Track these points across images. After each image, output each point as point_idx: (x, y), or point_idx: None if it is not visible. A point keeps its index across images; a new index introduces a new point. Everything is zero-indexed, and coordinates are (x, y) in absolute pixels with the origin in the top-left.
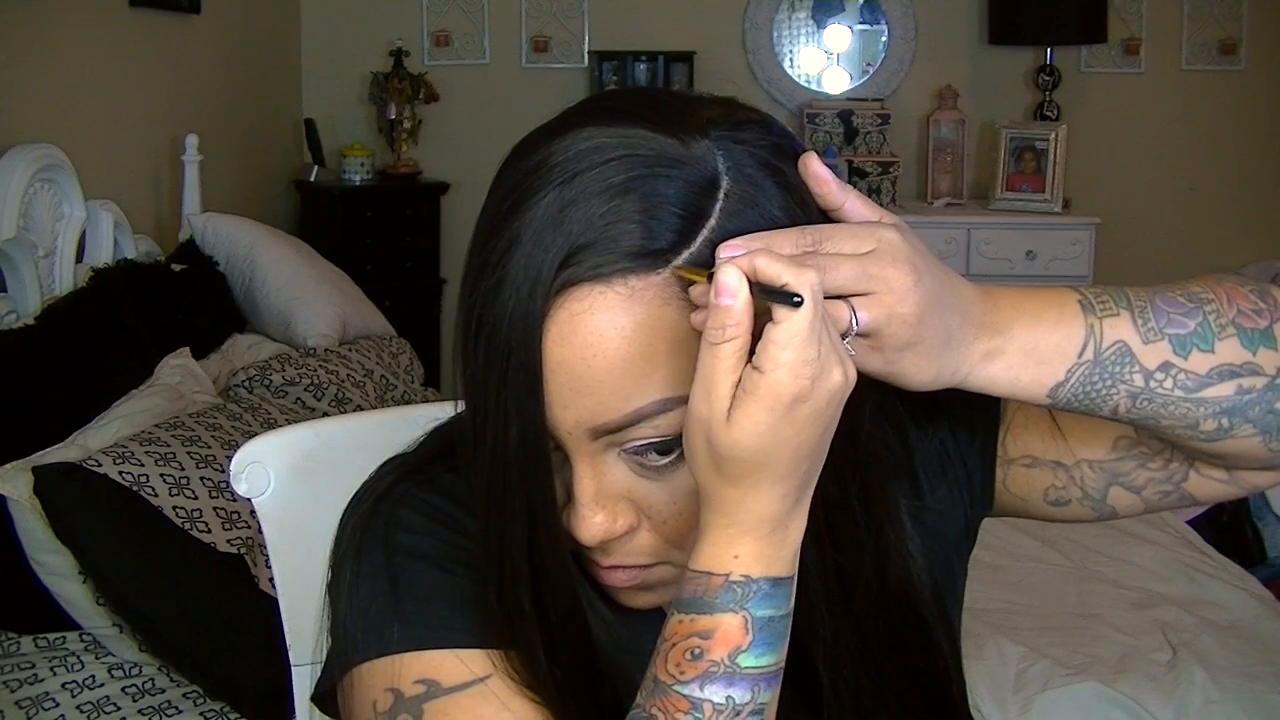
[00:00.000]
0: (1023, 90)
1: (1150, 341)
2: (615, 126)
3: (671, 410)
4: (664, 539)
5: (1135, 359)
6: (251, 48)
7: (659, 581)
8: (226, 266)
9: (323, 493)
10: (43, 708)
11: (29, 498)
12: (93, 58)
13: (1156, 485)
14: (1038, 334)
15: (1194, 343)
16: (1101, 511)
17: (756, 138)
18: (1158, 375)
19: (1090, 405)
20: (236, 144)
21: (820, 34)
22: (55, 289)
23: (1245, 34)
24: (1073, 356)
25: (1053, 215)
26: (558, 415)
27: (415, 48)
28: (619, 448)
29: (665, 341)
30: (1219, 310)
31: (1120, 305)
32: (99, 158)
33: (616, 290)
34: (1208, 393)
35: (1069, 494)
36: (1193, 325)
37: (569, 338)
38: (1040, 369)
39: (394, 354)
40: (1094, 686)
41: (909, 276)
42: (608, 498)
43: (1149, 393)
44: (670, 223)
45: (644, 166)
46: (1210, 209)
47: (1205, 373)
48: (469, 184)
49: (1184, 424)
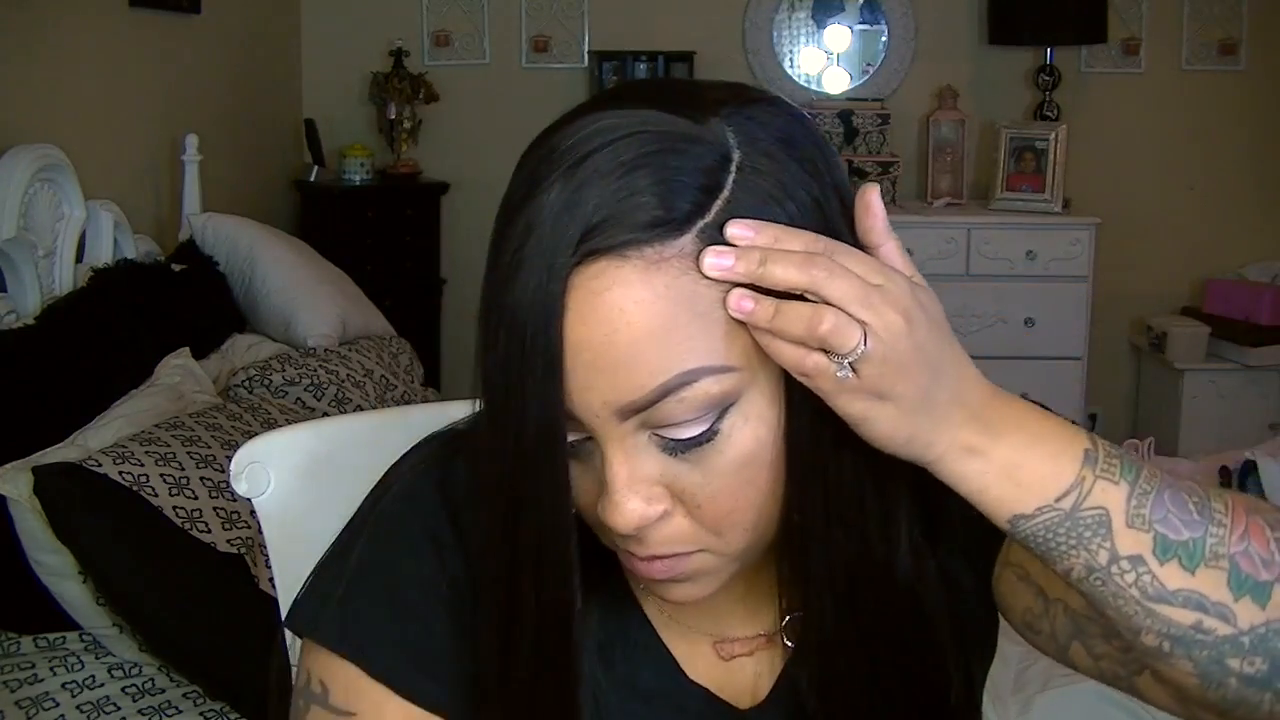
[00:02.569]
0: (1023, 90)
1: (1134, 527)
2: (626, 109)
3: (698, 381)
4: (700, 524)
5: (1110, 534)
6: (251, 48)
7: (698, 571)
8: (226, 266)
9: (323, 493)
10: (43, 708)
11: (29, 498)
12: (93, 58)
13: (1111, 662)
14: (1027, 456)
15: (1178, 553)
16: (1064, 658)
17: (766, 114)
18: (1123, 563)
19: (1044, 555)
20: (236, 144)
21: (820, 34)
22: (55, 289)
23: (1245, 34)
24: (1050, 497)
25: (1053, 215)
26: (585, 398)
27: (415, 48)
28: (649, 429)
29: (687, 311)
30: (1223, 539)
31: (1124, 476)
32: (99, 158)
33: (634, 263)
34: (1164, 610)
35: (1041, 626)
36: (1187, 536)
37: (588, 316)
38: (1014, 491)
39: (394, 354)
40: (1094, 687)
41: (904, 323)
42: (641, 482)
43: (1106, 575)
44: (685, 194)
45: (656, 143)
46: (1210, 209)
47: (1172, 589)
48: (469, 184)
49: (1126, 625)
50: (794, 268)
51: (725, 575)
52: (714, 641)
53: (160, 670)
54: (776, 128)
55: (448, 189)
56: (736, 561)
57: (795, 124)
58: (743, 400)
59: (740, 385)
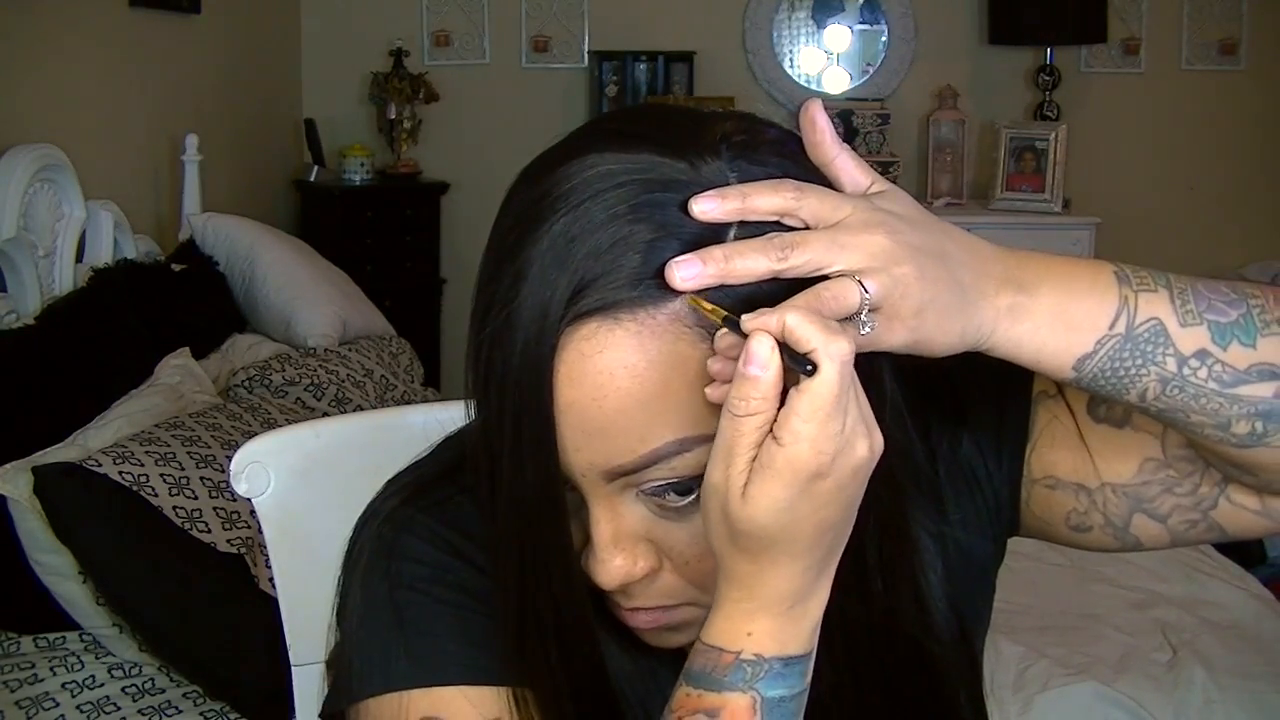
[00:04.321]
0: (1023, 90)
1: (1188, 325)
2: (621, 151)
3: (689, 450)
4: (687, 580)
5: (1170, 340)
6: (251, 48)
7: (684, 622)
8: (226, 266)
9: (322, 493)
10: (43, 708)
11: (29, 498)
12: (93, 58)
13: (1183, 513)
14: (1068, 298)
15: (1235, 334)
16: (1125, 541)
17: (771, 150)
18: (1192, 362)
19: (1116, 386)
20: (236, 144)
21: (820, 34)
22: (55, 289)
23: (1245, 34)
24: (1104, 327)
25: (1053, 215)
26: (571, 458)
27: (415, 48)
28: (636, 489)
29: (680, 378)
30: (1265, 307)
31: (1159, 283)
32: (99, 158)
33: (625, 325)
34: (1244, 390)
35: (1090, 520)
36: (1235, 315)
37: (578, 379)
38: (1068, 335)
39: (394, 354)
40: (1094, 686)
41: (884, 238)
42: (626, 540)
43: (1181, 380)
44: (679, 250)
45: (650, 191)
46: (1210, 209)
47: (1244, 368)
48: (469, 184)
49: (1215, 422)
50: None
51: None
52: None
53: (160, 670)
54: (783, 167)
55: (448, 189)
56: None
57: (803, 159)
58: None
59: None
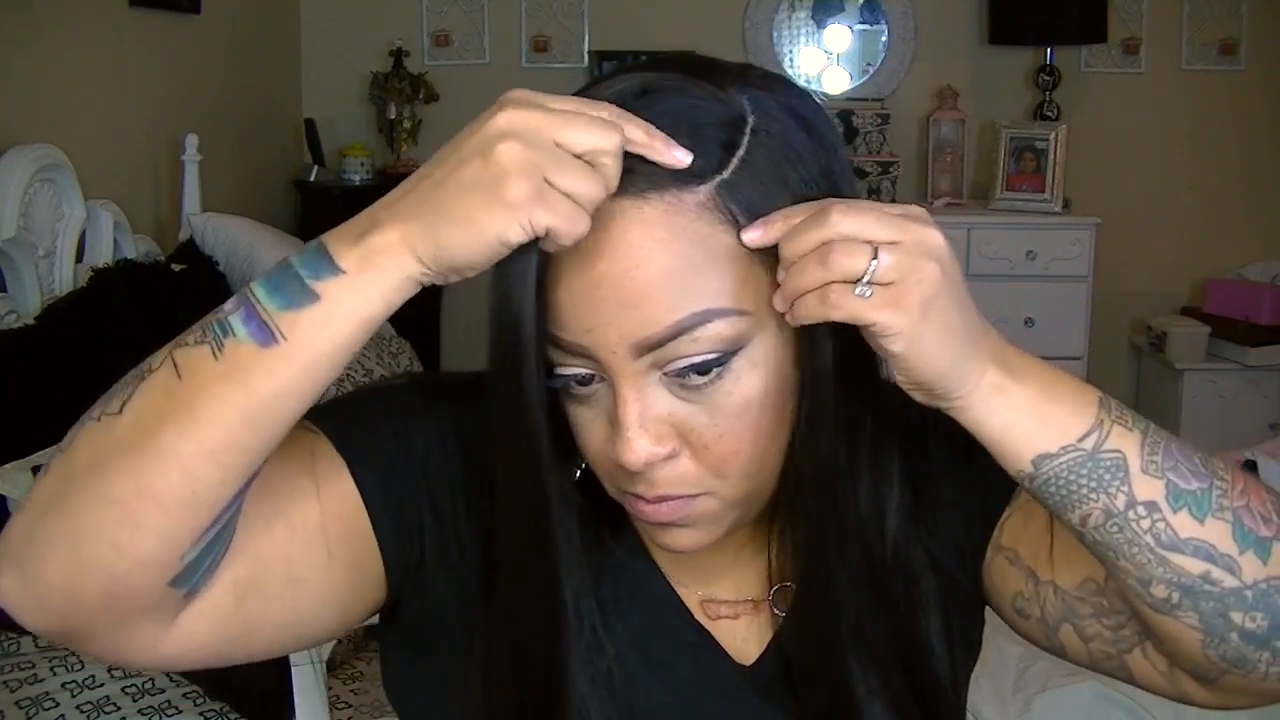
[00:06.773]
0: (1023, 90)
1: (1148, 473)
2: (652, 71)
3: (710, 323)
4: (705, 466)
5: (1128, 478)
6: (251, 48)
7: (702, 515)
8: (226, 266)
9: None
10: (43, 708)
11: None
12: (93, 58)
13: (1102, 644)
14: (1048, 397)
15: (1188, 502)
16: (1053, 643)
17: (778, 87)
18: (1140, 509)
19: (1064, 500)
20: (236, 144)
21: (820, 34)
22: (55, 289)
23: (1245, 34)
24: (1072, 437)
25: (1053, 215)
26: (603, 333)
27: (415, 48)
28: (660, 369)
29: (701, 254)
30: (1227, 492)
31: (1137, 425)
32: (99, 158)
33: (654, 204)
34: (1175, 558)
35: (1031, 609)
36: (1195, 486)
37: (609, 252)
38: (1038, 428)
39: (394, 354)
40: (1093, 686)
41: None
42: (651, 421)
43: (1123, 520)
44: (706, 147)
45: (680, 95)
46: (1210, 209)
47: (1184, 538)
48: None
49: (1139, 575)
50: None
51: (725, 524)
52: (701, 601)
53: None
54: (787, 101)
55: None
56: (736, 509)
57: (804, 99)
58: (751, 345)
59: (750, 330)
